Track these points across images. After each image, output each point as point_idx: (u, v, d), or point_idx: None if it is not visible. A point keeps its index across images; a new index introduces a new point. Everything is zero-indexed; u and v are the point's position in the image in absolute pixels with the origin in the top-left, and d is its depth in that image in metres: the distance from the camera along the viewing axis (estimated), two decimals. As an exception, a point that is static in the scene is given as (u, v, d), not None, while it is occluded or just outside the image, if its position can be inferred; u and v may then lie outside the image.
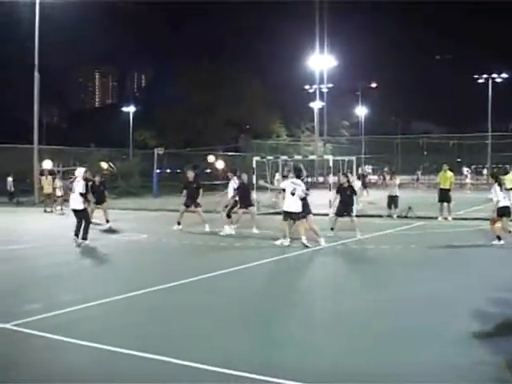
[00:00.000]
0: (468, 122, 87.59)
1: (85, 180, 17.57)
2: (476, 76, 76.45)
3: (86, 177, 17.87)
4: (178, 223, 20.36)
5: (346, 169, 26.47)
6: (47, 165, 38.75)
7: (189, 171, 21.25)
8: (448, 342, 7.44)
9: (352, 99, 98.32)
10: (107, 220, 21.63)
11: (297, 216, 15.97)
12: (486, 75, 74.38)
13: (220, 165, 57.60)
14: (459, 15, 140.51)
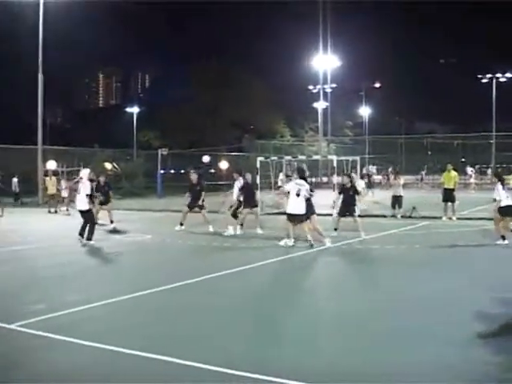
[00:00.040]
0: (472, 122, 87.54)
1: (90, 181, 17.67)
2: (480, 76, 76.38)
3: (90, 177, 17.95)
4: (181, 224, 20.37)
5: (350, 169, 26.46)
6: (51, 165, 38.80)
7: (192, 174, 21.26)
8: (444, 342, 7.41)
9: (356, 99, 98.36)
10: (111, 220, 21.67)
11: (301, 218, 15.95)
12: (490, 75, 74.31)
13: (224, 165, 57.59)
14: (463, 15, 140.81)
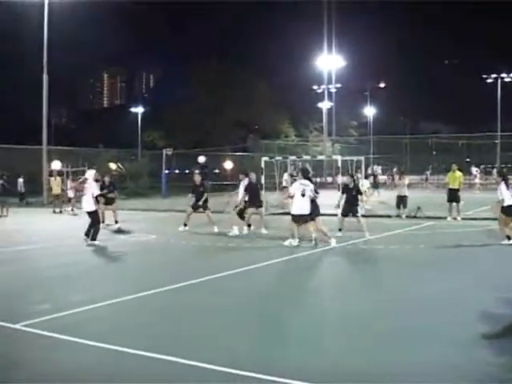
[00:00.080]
0: (477, 122, 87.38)
1: (95, 181, 17.77)
2: (485, 76, 76.28)
3: (96, 178, 18.03)
4: (185, 225, 20.35)
5: (355, 169, 26.42)
6: (56, 165, 38.82)
7: (196, 175, 21.26)
8: (449, 342, 7.40)
9: (360, 99, 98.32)
10: (116, 221, 21.69)
11: (306, 218, 15.92)
12: (495, 75, 74.21)
13: (229, 165, 57.58)
14: (468, 15, 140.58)
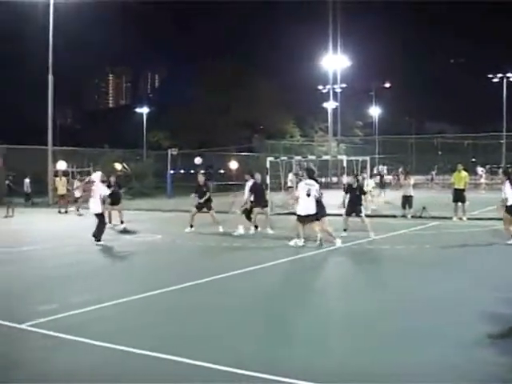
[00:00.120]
0: (482, 122, 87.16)
1: (102, 182, 17.99)
2: (491, 75, 76.11)
3: (102, 179, 18.17)
4: (191, 226, 20.32)
5: (361, 169, 26.38)
6: (61, 166, 38.89)
7: (199, 175, 21.27)
8: (453, 343, 7.40)
9: (366, 99, 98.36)
10: (122, 221, 21.71)
11: (311, 218, 15.91)
12: (500, 74, 74.04)
13: (234, 165, 57.59)
14: (473, 15, 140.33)
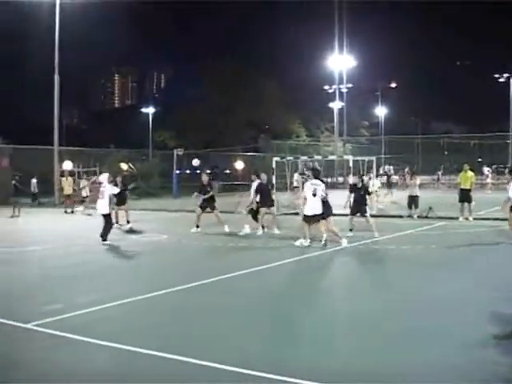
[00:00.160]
0: (488, 122, 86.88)
1: (110, 182, 18.21)
2: (497, 75, 75.88)
3: (109, 180, 18.34)
4: (197, 226, 20.29)
5: (367, 169, 26.34)
6: (67, 166, 38.95)
7: (203, 175, 21.30)
8: (458, 343, 7.39)
9: (372, 99, 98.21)
10: (128, 220, 21.73)
11: (317, 218, 15.89)
12: (507, 74, 73.80)
13: (240, 165, 57.57)
14: (479, 15, 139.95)
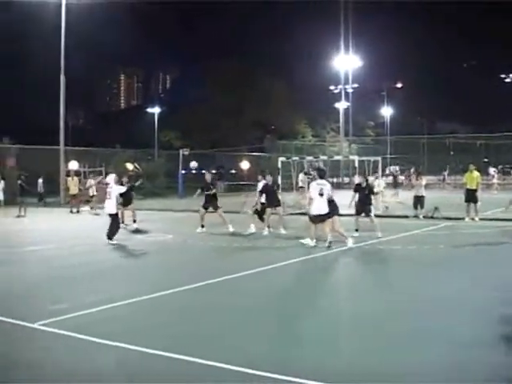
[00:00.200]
0: (495, 122, 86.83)
1: (117, 183, 18.59)
2: (503, 75, 75.81)
3: (116, 181, 18.67)
4: (202, 226, 20.32)
5: (372, 169, 26.30)
6: (73, 166, 39.02)
7: (206, 174, 21.33)
8: (461, 343, 7.38)
9: (377, 99, 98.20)
10: (134, 220, 21.76)
11: (323, 217, 15.87)
12: (513, 74, 73.74)
13: (245, 165, 57.59)
14: (485, 15, 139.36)
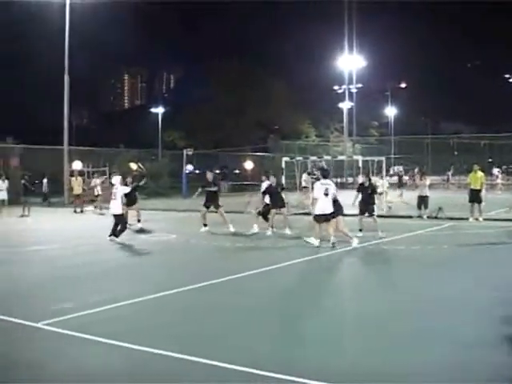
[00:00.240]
0: (499, 122, 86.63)
1: (125, 184, 19.06)
2: (507, 75, 75.71)
3: (125, 182, 19.36)
4: (205, 225, 20.34)
5: (376, 169, 26.28)
6: (77, 166, 39.06)
7: (208, 173, 21.36)
8: (464, 343, 7.38)
9: (381, 99, 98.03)
10: (139, 219, 21.79)
11: (328, 217, 15.84)
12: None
13: (249, 165, 57.60)
14: (489, 15, 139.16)
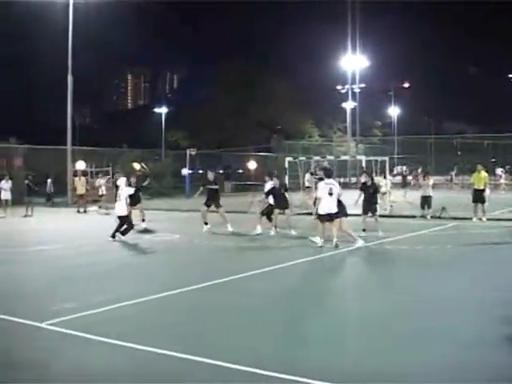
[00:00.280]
0: (502, 122, 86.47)
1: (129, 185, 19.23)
2: (511, 75, 75.58)
3: (129, 183, 19.48)
4: (206, 223, 20.36)
5: (380, 169, 26.27)
6: (80, 166, 39.09)
7: (209, 172, 21.40)
8: (466, 343, 7.38)
9: (384, 99, 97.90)
10: (143, 219, 21.79)
11: (332, 217, 15.83)
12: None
13: (252, 165, 57.61)
14: (492, 15, 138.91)
